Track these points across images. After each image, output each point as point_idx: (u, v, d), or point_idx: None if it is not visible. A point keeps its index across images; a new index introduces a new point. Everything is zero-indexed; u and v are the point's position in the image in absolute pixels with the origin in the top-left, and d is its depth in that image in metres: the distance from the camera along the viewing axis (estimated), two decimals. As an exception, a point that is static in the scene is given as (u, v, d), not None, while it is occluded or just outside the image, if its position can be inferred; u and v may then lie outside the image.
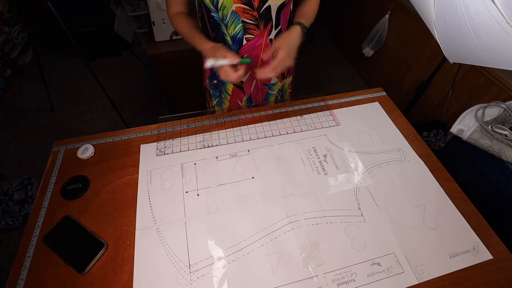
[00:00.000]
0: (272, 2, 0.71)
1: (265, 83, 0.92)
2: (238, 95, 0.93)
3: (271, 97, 0.98)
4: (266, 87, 0.94)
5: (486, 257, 0.59)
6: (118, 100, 1.85)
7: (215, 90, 0.96)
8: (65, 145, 0.79)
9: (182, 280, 0.56)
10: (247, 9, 0.70)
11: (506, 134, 0.76)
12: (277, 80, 0.93)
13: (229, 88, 0.92)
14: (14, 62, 2.33)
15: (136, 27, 2.65)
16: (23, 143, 1.90)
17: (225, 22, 0.73)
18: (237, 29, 0.74)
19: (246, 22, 0.73)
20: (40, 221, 0.64)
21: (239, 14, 0.71)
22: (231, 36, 0.76)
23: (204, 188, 0.69)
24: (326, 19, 2.76)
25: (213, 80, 0.93)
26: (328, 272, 0.57)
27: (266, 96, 0.97)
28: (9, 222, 1.46)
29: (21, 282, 0.55)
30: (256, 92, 0.93)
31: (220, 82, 0.91)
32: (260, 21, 0.73)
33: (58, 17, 1.38)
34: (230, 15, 0.71)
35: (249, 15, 0.71)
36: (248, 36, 0.76)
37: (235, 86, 0.90)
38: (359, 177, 0.72)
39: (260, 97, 0.96)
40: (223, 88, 0.92)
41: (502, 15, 0.43)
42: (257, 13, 0.71)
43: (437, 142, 1.41)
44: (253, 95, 0.94)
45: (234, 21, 0.73)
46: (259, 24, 0.74)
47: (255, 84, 0.91)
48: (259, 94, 0.95)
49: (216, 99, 0.97)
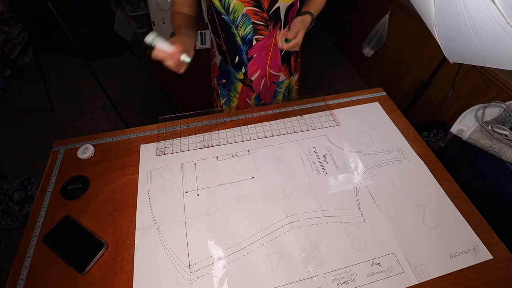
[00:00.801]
0: (281, 3, 0.72)
1: (273, 81, 0.93)
2: (247, 93, 0.94)
3: (279, 95, 0.99)
4: (274, 85, 0.95)
5: (486, 257, 0.59)
6: (118, 100, 1.85)
7: (224, 89, 0.96)
8: (65, 145, 0.79)
9: (182, 280, 0.56)
10: (257, 11, 0.72)
11: (506, 134, 0.76)
12: (285, 78, 0.94)
13: (238, 87, 0.92)
14: (14, 62, 2.33)
15: (136, 27, 2.65)
16: (23, 143, 1.90)
17: (236, 24, 0.74)
18: (248, 30, 0.75)
19: (256, 24, 0.74)
20: (40, 221, 0.64)
21: (249, 16, 0.72)
22: (241, 37, 0.77)
23: (204, 188, 0.69)
24: (326, 19, 2.76)
25: (221, 79, 0.94)
26: (328, 272, 0.57)
27: (275, 94, 0.98)
28: (9, 222, 1.45)
29: (21, 282, 0.55)
30: (265, 90, 0.94)
31: (229, 81, 0.92)
32: (269, 22, 0.75)
33: (58, 17, 1.38)
34: (240, 17, 0.72)
35: (259, 16, 0.73)
36: (258, 36, 0.77)
37: (244, 84, 0.91)
38: (359, 177, 0.72)
39: (268, 95, 0.97)
40: (232, 87, 0.93)
41: (502, 15, 0.43)
42: (267, 14, 0.73)
43: (437, 142, 1.41)
44: (262, 93, 0.95)
45: (244, 23, 0.74)
46: (268, 24, 0.75)
47: (264, 82, 0.91)
48: (268, 92, 0.96)
49: (225, 98, 0.98)
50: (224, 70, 0.90)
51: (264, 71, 0.87)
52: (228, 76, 0.91)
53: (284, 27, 0.78)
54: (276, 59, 0.85)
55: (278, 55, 0.84)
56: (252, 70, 0.86)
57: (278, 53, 0.84)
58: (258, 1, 0.69)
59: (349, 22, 2.38)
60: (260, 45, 0.80)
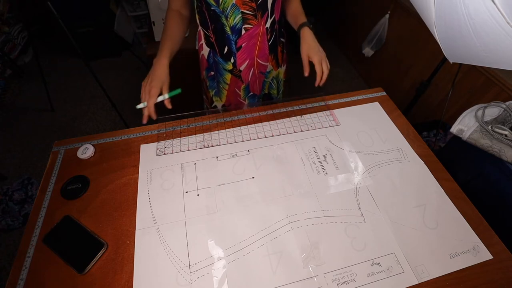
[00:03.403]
0: None
1: (262, 71, 0.95)
2: (237, 84, 0.95)
3: (266, 84, 1.01)
4: (262, 76, 0.96)
5: (486, 257, 0.59)
6: (118, 100, 1.85)
7: (213, 81, 0.97)
8: (65, 145, 0.79)
9: (182, 280, 0.56)
10: (246, 1, 0.74)
11: (506, 134, 0.76)
12: (271, 68, 0.96)
13: (227, 78, 0.93)
14: (14, 62, 2.33)
15: (136, 27, 2.65)
16: (23, 143, 1.90)
17: (225, 14, 0.76)
18: (237, 19, 0.77)
19: (245, 13, 0.77)
20: (40, 221, 0.64)
21: (238, 6, 0.75)
22: (230, 27, 0.79)
23: (204, 188, 0.69)
24: (326, 19, 2.76)
25: (210, 72, 0.95)
26: (328, 272, 0.57)
27: (263, 84, 1.00)
28: (9, 222, 1.45)
29: (21, 282, 0.55)
30: (253, 80, 0.95)
31: (218, 73, 0.93)
32: (257, 11, 0.77)
33: (58, 17, 1.38)
34: (230, 7, 0.75)
35: (248, 6, 0.75)
36: (246, 26, 0.79)
37: (233, 75, 0.92)
38: (359, 177, 0.72)
39: (257, 86, 0.98)
40: (221, 78, 0.94)
41: (502, 15, 0.43)
42: (255, 4, 0.75)
43: (437, 142, 1.41)
44: (250, 83, 0.96)
45: (234, 13, 0.76)
46: (256, 14, 0.78)
47: (253, 72, 0.92)
48: (256, 82, 0.97)
49: (214, 89, 0.99)
50: (212, 62, 0.91)
51: (253, 60, 0.88)
52: (216, 68, 0.92)
53: (270, 16, 0.81)
54: (264, 49, 0.87)
55: (265, 44, 0.86)
56: (241, 60, 0.87)
57: (265, 42, 0.86)
58: None
59: (349, 22, 2.38)
60: (249, 34, 0.81)
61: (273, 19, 0.82)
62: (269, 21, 0.81)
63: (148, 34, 1.66)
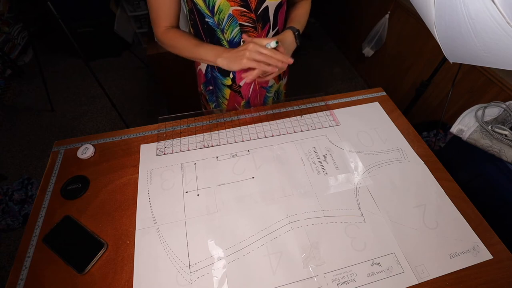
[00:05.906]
0: (269, 2, 0.69)
1: (263, 86, 0.91)
2: (236, 99, 0.91)
3: (269, 100, 0.97)
4: (264, 90, 0.92)
5: (486, 257, 0.59)
6: (118, 100, 1.86)
7: (211, 95, 0.93)
8: (65, 145, 0.79)
9: (182, 280, 0.56)
10: (244, 12, 0.68)
11: (506, 134, 0.76)
12: (274, 82, 0.93)
13: (226, 93, 0.89)
14: (14, 62, 2.33)
15: (136, 27, 2.65)
16: (23, 143, 1.90)
17: (221, 27, 0.71)
18: (234, 32, 0.72)
19: (244, 25, 0.71)
20: (40, 221, 0.64)
21: (236, 17, 0.68)
22: (227, 41, 0.74)
23: (204, 188, 0.69)
24: (326, 19, 2.76)
25: (208, 86, 0.91)
26: (328, 272, 0.57)
27: (265, 99, 0.96)
28: (9, 222, 1.46)
29: (21, 282, 0.55)
30: (254, 95, 0.91)
31: (216, 88, 0.89)
32: (257, 23, 0.71)
33: (58, 17, 1.38)
34: (226, 19, 0.69)
35: (247, 17, 0.69)
36: None
37: (233, 91, 0.88)
38: (359, 177, 0.72)
39: (258, 101, 0.94)
40: (220, 93, 0.90)
41: (502, 15, 0.43)
42: (255, 14, 0.69)
43: (437, 142, 1.41)
44: (251, 99, 0.92)
45: (231, 25, 0.70)
46: (256, 26, 0.72)
47: (253, 87, 0.89)
48: (258, 98, 0.93)
49: (214, 103, 0.95)
50: (210, 77, 0.86)
51: None
52: (214, 82, 0.87)
53: (273, 28, 0.75)
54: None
55: None
56: (240, 75, 0.82)
57: None
58: (245, 1, 0.66)
59: (349, 22, 2.38)
60: None
61: (276, 31, 0.76)
62: (271, 33, 0.75)
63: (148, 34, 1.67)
